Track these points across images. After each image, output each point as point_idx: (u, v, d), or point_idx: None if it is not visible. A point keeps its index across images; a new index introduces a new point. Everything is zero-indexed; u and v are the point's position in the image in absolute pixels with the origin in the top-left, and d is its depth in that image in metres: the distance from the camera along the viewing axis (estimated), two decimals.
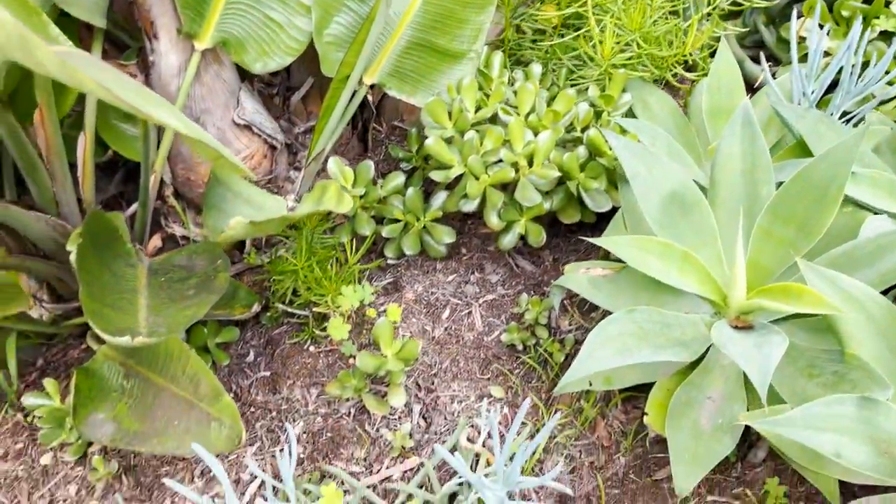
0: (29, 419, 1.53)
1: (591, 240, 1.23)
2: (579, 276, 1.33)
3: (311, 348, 1.53)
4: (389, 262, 1.65)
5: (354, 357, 1.50)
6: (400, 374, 1.34)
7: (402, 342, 1.32)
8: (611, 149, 1.41)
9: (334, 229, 1.62)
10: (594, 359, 1.11)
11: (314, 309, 1.52)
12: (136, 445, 1.29)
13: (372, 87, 1.58)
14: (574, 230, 1.66)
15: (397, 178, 1.59)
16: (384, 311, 1.57)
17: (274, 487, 1.30)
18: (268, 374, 1.52)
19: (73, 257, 1.24)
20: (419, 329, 1.54)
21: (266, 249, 1.71)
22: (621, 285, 1.32)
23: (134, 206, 1.62)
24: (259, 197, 1.37)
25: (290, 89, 1.80)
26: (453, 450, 1.33)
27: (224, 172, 1.31)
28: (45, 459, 1.46)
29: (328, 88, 1.54)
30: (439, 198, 1.56)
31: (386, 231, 1.55)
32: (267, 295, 1.60)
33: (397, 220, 1.57)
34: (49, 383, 1.42)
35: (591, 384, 1.26)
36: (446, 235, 1.55)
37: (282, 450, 1.40)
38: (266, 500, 1.33)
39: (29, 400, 1.42)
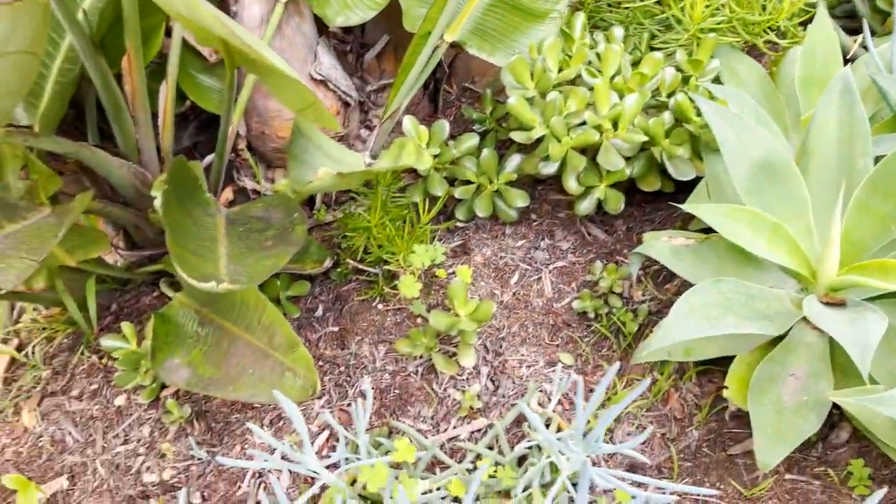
0: (104, 361, 1.57)
1: (681, 206, 1.19)
2: (660, 245, 1.30)
3: (380, 306, 1.54)
4: (458, 224, 1.64)
5: (423, 316, 1.50)
6: (472, 334, 1.33)
7: (477, 303, 1.31)
8: (698, 115, 1.37)
9: (405, 189, 1.61)
10: (680, 327, 1.08)
11: (384, 267, 1.52)
12: (211, 391, 1.31)
13: (450, 45, 1.55)
14: (649, 200, 1.62)
15: (471, 140, 1.57)
16: (453, 272, 1.56)
17: (345, 439, 1.31)
18: (336, 329, 1.53)
19: (157, 203, 1.25)
20: (487, 293, 1.53)
21: (335, 207, 1.71)
22: (704, 255, 1.28)
23: (209, 158, 1.63)
24: (337, 151, 1.37)
25: (364, 46, 1.78)
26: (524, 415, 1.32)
27: (306, 125, 1.31)
28: (119, 400, 1.50)
29: (404, 46, 1.52)
30: (513, 160, 1.54)
31: (458, 192, 1.54)
32: (336, 251, 1.61)
33: (469, 182, 1.55)
34: (126, 327, 1.46)
35: (669, 354, 1.24)
36: (519, 199, 1.53)
37: (349, 404, 1.41)
38: (335, 451, 1.34)
39: (107, 342, 1.45)
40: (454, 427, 1.35)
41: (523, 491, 1.15)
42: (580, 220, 1.61)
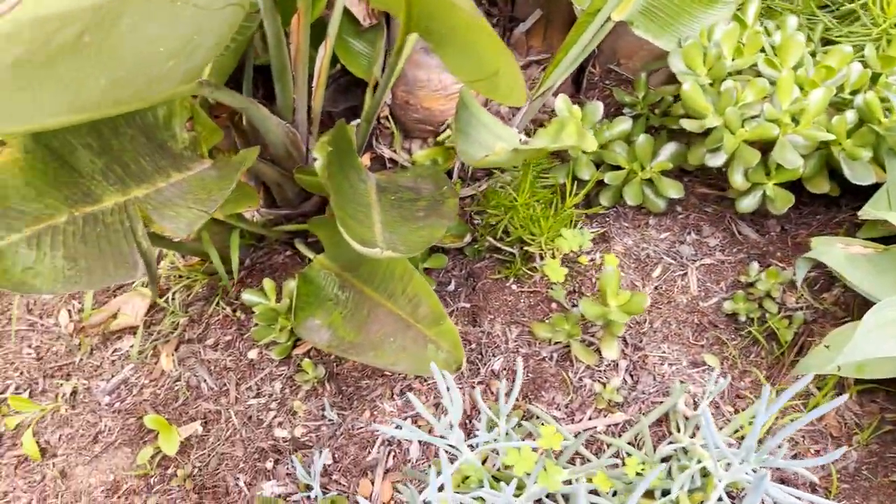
0: (237, 314, 1.60)
1: (880, 214, 1.11)
2: (836, 252, 1.22)
3: (514, 286, 1.51)
4: (599, 210, 1.59)
5: (559, 302, 1.46)
6: (621, 326, 1.29)
7: (630, 294, 1.26)
8: (886, 116, 1.27)
9: (548, 170, 1.57)
10: (869, 342, 1.01)
11: (524, 248, 1.49)
12: (351, 354, 1.32)
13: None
14: (806, 202, 1.52)
15: (623, 124, 1.51)
16: (592, 260, 1.52)
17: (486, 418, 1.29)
18: (468, 305, 1.51)
19: (318, 164, 1.25)
20: (627, 284, 1.47)
21: (470, 182, 1.69)
22: (884, 266, 1.20)
23: (353, 122, 1.63)
24: (494, 125, 1.33)
25: (513, 20, 1.74)
26: (666, 415, 1.27)
27: (469, 97, 1.28)
28: (252, 354, 1.53)
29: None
30: (668, 148, 1.47)
31: (608, 178, 1.49)
32: (472, 227, 1.58)
33: (619, 168, 1.50)
34: (267, 283, 1.48)
35: (839, 369, 1.16)
36: (672, 189, 1.46)
37: (481, 382, 1.40)
38: (477, 430, 1.33)
39: (247, 296, 1.48)
40: (589, 418, 1.32)
41: (667, 494, 1.11)
42: (729, 217, 1.53)
